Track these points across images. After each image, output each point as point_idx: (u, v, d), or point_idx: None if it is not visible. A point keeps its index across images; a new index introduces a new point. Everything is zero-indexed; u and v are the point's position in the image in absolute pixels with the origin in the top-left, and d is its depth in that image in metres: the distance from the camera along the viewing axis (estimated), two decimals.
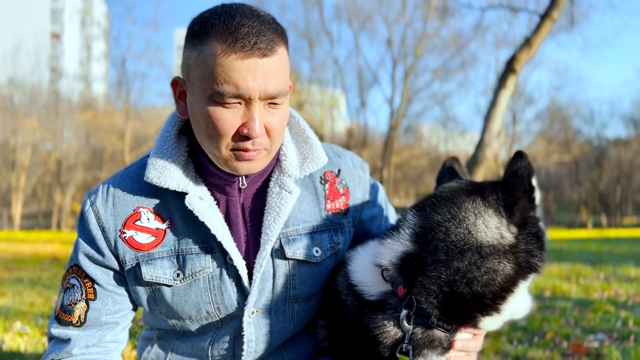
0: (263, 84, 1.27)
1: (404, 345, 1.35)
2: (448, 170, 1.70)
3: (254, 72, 1.25)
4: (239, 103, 1.29)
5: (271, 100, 1.31)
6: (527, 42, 11.19)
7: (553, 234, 23.94)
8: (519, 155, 1.38)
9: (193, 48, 1.30)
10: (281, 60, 1.30)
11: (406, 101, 32.49)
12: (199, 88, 1.31)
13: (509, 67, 11.22)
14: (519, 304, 1.40)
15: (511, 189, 1.40)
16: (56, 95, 47.19)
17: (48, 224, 40.78)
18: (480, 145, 11.46)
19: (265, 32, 1.26)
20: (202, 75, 1.29)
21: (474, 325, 1.38)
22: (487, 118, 11.33)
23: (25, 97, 43.83)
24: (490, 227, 1.38)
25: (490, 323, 1.39)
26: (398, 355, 1.35)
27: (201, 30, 1.29)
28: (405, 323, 1.34)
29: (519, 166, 1.38)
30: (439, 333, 1.38)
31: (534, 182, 1.40)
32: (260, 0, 34.60)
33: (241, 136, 1.31)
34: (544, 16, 11.14)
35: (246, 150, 1.33)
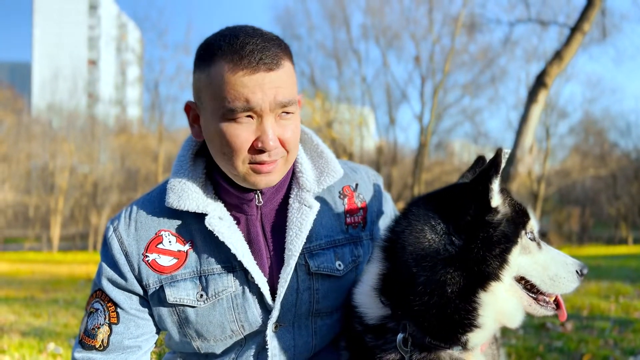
0: (272, 95, 1.32)
1: None
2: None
3: (262, 85, 1.31)
4: (251, 117, 1.34)
5: (282, 110, 1.36)
6: (558, 55, 10.98)
7: (591, 250, 23.24)
8: (478, 161, 1.36)
9: (202, 71, 1.36)
10: (287, 73, 1.36)
11: (436, 117, 32.24)
12: (211, 108, 1.36)
13: (540, 81, 11.02)
14: (503, 313, 1.30)
15: (462, 192, 1.32)
16: (93, 119, 48.74)
17: (85, 245, 41.77)
18: (512, 161, 11.26)
19: (269, 48, 1.32)
20: (212, 95, 1.34)
21: (464, 343, 1.30)
22: (519, 133, 11.11)
23: (64, 121, 45.46)
24: (438, 233, 1.30)
25: (482, 338, 1.32)
26: None
27: (208, 53, 1.35)
28: (402, 347, 1.33)
29: (478, 171, 1.29)
30: (440, 353, 1.33)
31: (494, 185, 1.28)
32: (289, 22, 35.30)
33: (256, 150, 1.36)
34: (575, 29, 10.93)
35: (262, 163, 1.37)
